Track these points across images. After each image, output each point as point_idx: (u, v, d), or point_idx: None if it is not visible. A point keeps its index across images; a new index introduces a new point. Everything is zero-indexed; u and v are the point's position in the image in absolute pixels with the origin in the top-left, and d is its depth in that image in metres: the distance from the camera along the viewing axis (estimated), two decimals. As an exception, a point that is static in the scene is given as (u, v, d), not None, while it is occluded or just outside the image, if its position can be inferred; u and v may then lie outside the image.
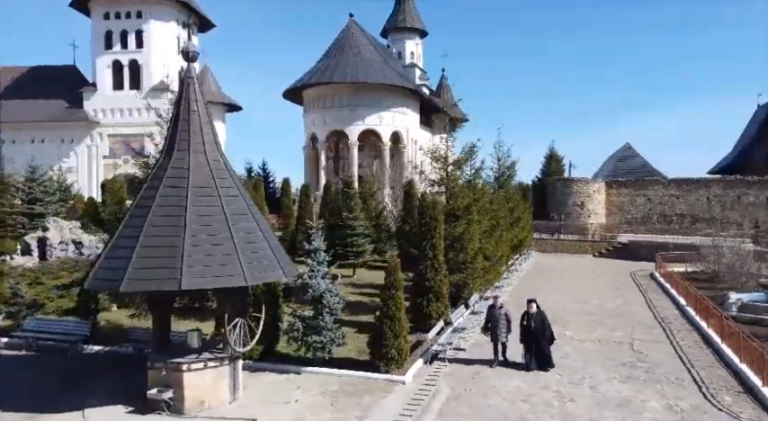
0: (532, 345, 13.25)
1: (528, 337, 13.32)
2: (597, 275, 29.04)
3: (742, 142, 60.91)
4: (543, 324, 13.40)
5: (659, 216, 43.16)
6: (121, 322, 16.69)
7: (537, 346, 13.22)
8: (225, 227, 10.47)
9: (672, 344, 15.60)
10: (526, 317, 13.45)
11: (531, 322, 13.29)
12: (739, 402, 11.14)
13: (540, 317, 13.43)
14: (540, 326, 13.29)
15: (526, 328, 13.33)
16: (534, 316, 13.37)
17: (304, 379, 12.49)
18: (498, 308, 13.93)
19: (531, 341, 13.28)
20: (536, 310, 13.49)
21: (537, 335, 13.20)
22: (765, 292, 19.69)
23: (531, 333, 13.25)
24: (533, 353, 13.22)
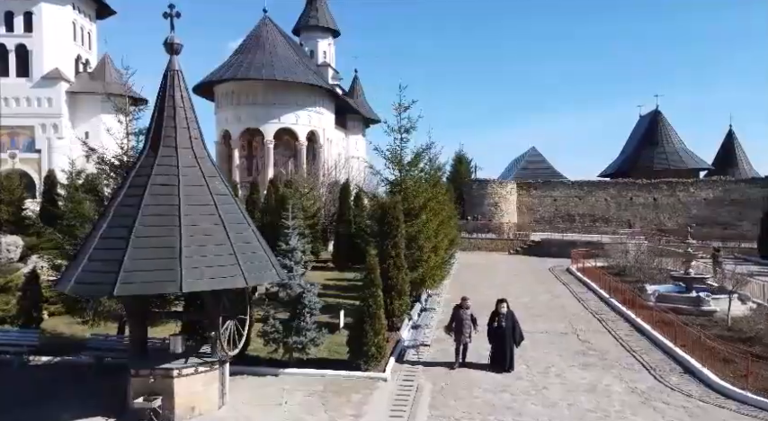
0: (502, 345, 13.22)
1: (498, 338, 13.32)
2: (520, 271, 30.90)
3: (627, 149, 67.23)
4: (514, 324, 13.48)
5: (564, 215, 46.62)
6: (62, 330, 15.47)
7: (504, 347, 13.20)
8: (220, 227, 10.16)
9: (610, 333, 17.13)
10: (497, 317, 13.44)
11: (501, 322, 13.32)
12: (685, 382, 12.59)
13: (510, 318, 13.52)
14: (511, 327, 13.36)
15: (497, 329, 13.34)
16: (505, 316, 13.43)
17: (284, 380, 12.37)
18: (465, 308, 13.87)
19: (501, 341, 13.27)
20: (506, 311, 13.54)
21: (507, 336, 13.21)
22: (676, 284, 22.12)
23: (502, 333, 13.27)
24: (504, 353, 13.21)
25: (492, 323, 13.54)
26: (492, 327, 13.51)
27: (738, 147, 63.92)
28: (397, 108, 18.69)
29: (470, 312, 13.89)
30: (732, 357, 13.60)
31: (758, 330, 16.17)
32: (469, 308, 14.01)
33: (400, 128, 18.71)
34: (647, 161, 58.94)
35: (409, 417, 10.57)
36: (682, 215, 45.60)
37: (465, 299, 14.23)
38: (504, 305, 13.65)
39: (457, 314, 13.84)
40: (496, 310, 13.62)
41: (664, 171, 55.40)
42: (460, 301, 14.18)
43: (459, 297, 22.39)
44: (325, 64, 66.70)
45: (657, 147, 59.90)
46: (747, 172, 59.06)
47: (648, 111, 65.15)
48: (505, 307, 13.63)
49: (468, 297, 14.41)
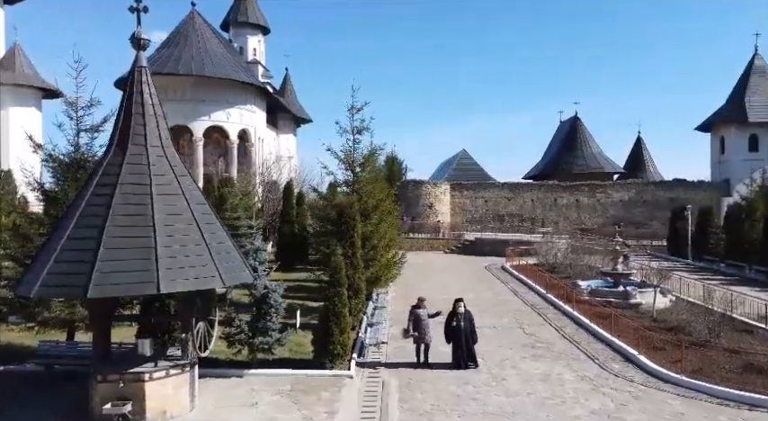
0: (461, 344, 13.35)
1: (456, 337, 13.41)
2: (459, 270, 31.97)
3: (549, 152, 70.76)
4: (471, 323, 13.62)
5: (494, 215, 48.54)
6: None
7: (466, 346, 13.38)
8: (194, 226, 10.04)
9: (552, 326, 18.23)
10: (455, 317, 13.53)
11: (460, 322, 13.43)
12: (627, 369, 13.70)
13: (468, 317, 13.66)
14: (469, 326, 13.51)
15: (455, 328, 13.43)
16: (463, 315, 13.56)
17: (250, 381, 12.33)
18: (422, 308, 13.85)
19: (459, 340, 13.38)
20: (464, 310, 13.68)
21: (465, 335, 13.36)
22: (605, 280, 23.79)
23: (459, 332, 13.37)
24: (463, 352, 13.36)
25: (450, 323, 13.59)
26: (450, 327, 13.58)
27: (646, 151, 69.00)
28: (350, 109, 18.95)
29: (427, 311, 13.88)
30: (663, 345, 15.00)
31: (681, 320, 17.76)
32: (426, 308, 13.99)
33: (353, 129, 18.98)
34: (567, 164, 62.31)
35: (381, 412, 10.88)
36: (601, 215, 48.73)
37: (421, 299, 14.22)
38: (461, 304, 13.76)
39: (415, 314, 13.77)
40: (454, 310, 13.69)
41: (582, 174, 58.80)
42: (417, 302, 14.12)
43: (405, 295, 23.15)
44: (255, 61, 65.43)
45: (577, 152, 63.45)
46: (653, 175, 63.89)
47: (568, 118, 68.88)
48: (462, 306, 13.73)
49: (424, 297, 14.41)
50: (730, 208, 38.94)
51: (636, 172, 63.57)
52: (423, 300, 14.26)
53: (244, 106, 55.74)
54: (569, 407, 11.20)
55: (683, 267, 32.43)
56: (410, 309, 14.14)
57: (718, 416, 10.84)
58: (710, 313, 16.91)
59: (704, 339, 15.49)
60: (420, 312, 13.71)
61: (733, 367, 13.44)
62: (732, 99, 52.59)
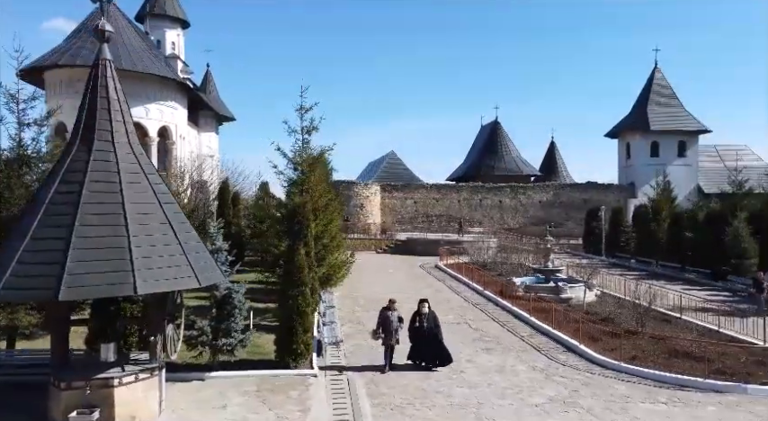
0: (425, 345, 13.32)
1: (420, 338, 13.37)
2: (396, 269, 32.55)
3: (472, 155, 73.30)
4: (435, 324, 13.63)
5: (423, 216, 49.72)
6: None
7: (430, 346, 13.32)
8: (167, 225, 9.77)
9: (495, 321, 19.12)
10: (418, 318, 13.47)
11: (423, 322, 13.39)
12: (571, 358, 14.71)
13: (432, 317, 13.64)
14: (433, 326, 13.50)
15: (418, 329, 13.39)
16: (427, 316, 13.54)
17: (213, 384, 12.11)
18: (392, 310, 13.66)
19: (422, 341, 13.35)
20: (428, 311, 13.65)
21: (429, 336, 13.34)
22: (536, 276, 25.17)
23: (423, 333, 13.34)
24: (427, 354, 13.35)
25: (414, 323, 13.56)
26: (414, 327, 13.56)
27: (558, 155, 73.24)
28: (300, 109, 18.91)
29: (397, 313, 13.67)
30: (599, 335, 16.22)
31: (610, 312, 19.24)
32: (396, 310, 13.75)
33: (303, 129, 18.95)
34: (488, 167, 64.85)
35: (353, 407, 11.07)
36: (522, 215, 51.21)
37: (392, 301, 13.99)
38: (425, 305, 13.74)
39: (385, 316, 13.56)
40: (418, 310, 13.67)
41: (503, 176, 61.46)
42: (387, 304, 13.90)
43: (349, 294, 23.40)
44: (173, 56, 62.72)
45: (497, 155, 66.20)
46: (565, 177, 68.00)
47: (489, 122, 71.68)
48: (426, 307, 13.71)
49: (395, 299, 14.23)
50: (637, 208, 42.21)
51: (550, 175, 67.32)
52: (393, 301, 14.00)
53: (164, 102, 53.36)
54: (528, 395, 11.91)
55: (598, 264, 34.82)
56: (380, 311, 13.87)
57: (657, 396, 11.94)
58: (636, 305, 18.42)
59: (632, 329, 16.90)
60: (390, 314, 13.49)
61: (660, 353, 14.80)
62: (636, 109, 56.97)
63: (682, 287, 25.01)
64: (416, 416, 10.70)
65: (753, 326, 16.68)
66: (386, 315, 13.52)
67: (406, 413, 10.86)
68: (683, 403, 11.60)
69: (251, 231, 26.92)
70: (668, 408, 11.32)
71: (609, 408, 11.22)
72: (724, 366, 13.59)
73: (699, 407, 11.37)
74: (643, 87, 57.59)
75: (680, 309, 19.64)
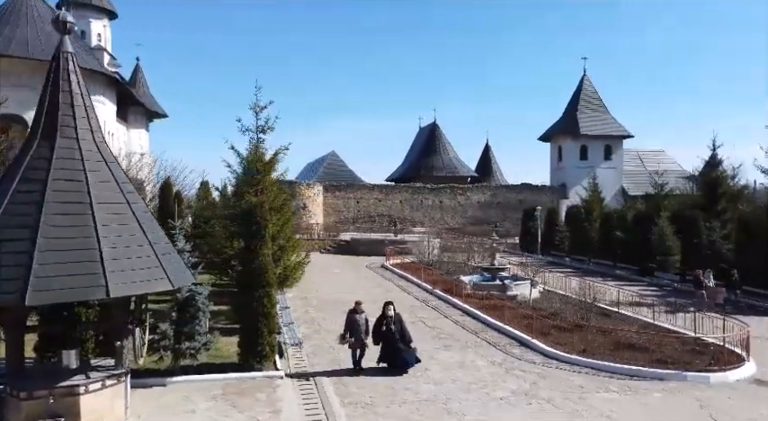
0: (392, 348, 13.12)
1: (387, 340, 13.14)
2: (342, 269, 32.56)
3: (410, 156, 74.33)
4: (401, 326, 13.44)
5: (365, 216, 49.98)
6: None
7: (395, 349, 13.12)
8: (137, 225, 9.45)
9: (449, 319, 19.59)
10: (384, 320, 13.23)
11: (390, 325, 13.17)
12: (526, 353, 15.33)
13: (398, 320, 13.43)
14: (399, 329, 13.30)
15: (386, 332, 13.14)
16: (392, 319, 13.30)
17: (177, 389, 11.75)
18: (359, 313, 13.38)
19: (390, 344, 13.11)
20: (393, 313, 13.41)
21: (396, 338, 13.13)
22: (483, 274, 25.95)
23: (391, 336, 13.12)
24: (396, 356, 13.13)
25: (380, 326, 13.31)
26: (380, 331, 13.29)
27: (493, 157, 75.62)
28: (254, 108, 18.63)
29: (365, 316, 13.46)
30: (549, 330, 16.99)
31: (556, 308, 20.17)
32: (364, 312, 13.48)
33: (258, 128, 18.68)
34: (427, 168, 66.04)
35: (325, 407, 11.09)
36: (461, 215, 52.52)
37: (359, 303, 13.69)
38: (391, 307, 13.47)
39: (353, 319, 13.29)
40: (384, 313, 13.40)
41: (441, 177, 62.74)
42: (354, 306, 13.57)
43: (300, 295, 23.24)
44: (99, 47, 59.72)
45: (436, 156, 67.50)
46: (499, 178, 70.32)
47: (428, 124, 72.97)
48: (392, 309, 13.45)
49: (361, 301, 13.97)
50: (570, 209, 44.38)
51: (485, 176, 69.38)
52: (360, 303, 13.69)
53: (92, 96, 50.82)
54: (492, 389, 12.35)
55: (535, 262, 36.29)
56: (347, 314, 13.57)
57: (609, 386, 12.70)
58: (581, 301, 19.41)
59: (578, 323, 17.82)
60: (357, 317, 13.26)
61: (606, 345, 15.70)
62: (567, 114, 59.76)
63: (614, 283, 26.49)
64: (388, 414, 10.87)
65: (682, 318, 18.07)
66: (353, 318, 13.25)
67: (378, 411, 11.00)
68: (632, 391, 12.39)
69: (194, 232, 26.16)
70: (620, 396, 12.07)
71: (568, 398, 11.82)
72: (664, 355, 14.60)
73: (647, 395, 12.19)
74: (573, 94, 60.47)
75: (617, 304, 20.89)
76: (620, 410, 11.24)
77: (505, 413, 11.02)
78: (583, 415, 10.97)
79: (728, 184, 33.68)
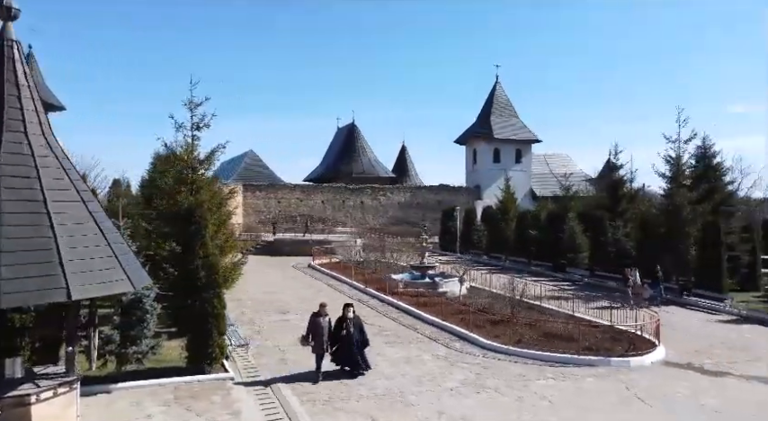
0: (350, 350, 12.95)
1: (345, 342, 12.94)
2: (271, 269, 32.14)
3: (329, 156, 74.30)
4: (361, 329, 13.37)
5: (287, 216, 49.42)
6: None
7: (353, 353, 12.96)
8: (93, 224, 9.02)
9: (387, 316, 20.04)
10: (345, 323, 13.05)
11: (349, 327, 13.00)
12: (466, 346, 16.08)
13: (357, 322, 13.36)
14: (358, 331, 13.19)
15: (345, 336, 12.92)
16: (352, 321, 13.17)
17: (124, 395, 11.31)
18: (323, 315, 13.02)
19: (349, 347, 12.93)
20: (353, 315, 13.31)
21: (356, 341, 12.97)
22: (412, 273, 26.68)
23: (350, 338, 12.93)
24: (355, 359, 12.98)
25: (339, 329, 13.07)
26: (339, 333, 13.05)
27: (409, 158, 77.37)
28: (189, 104, 18.11)
29: (328, 318, 13.09)
30: (483, 324, 17.91)
31: (486, 303, 21.21)
32: (327, 315, 13.11)
33: (193, 125, 18.17)
34: (346, 169, 66.37)
35: (284, 407, 11.12)
36: (382, 215, 53.32)
37: (323, 305, 13.28)
38: (350, 309, 13.32)
39: (316, 323, 12.91)
40: (344, 315, 13.19)
41: (360, 178, 63.32)
42: (318, 309, 13.19)
43: (231, 296, 22.73)
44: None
45: (354, 157, 67.99)
46: (415, 180, 72.07)
47: (346, 124, 73.27)
48: (352, 312, 13.33)
49: (325, 303, 13.55)
50: (486, 209, 46.47)
51: (402, 177, 70.82)
52: (324, 305, 13.30)
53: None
54: (441, 381, 12.91)
55: (455, 260, 37.74)
56: (310, 317, 13.20)
57: (546, 373, 13.68)
58: (510, 296, 20.56)
59: (508, 317, 18.90)
60: (320, 320, 12.90)
61: (537, 336, 16.81)
62: (481, 118, 62.39)
63: (530, 279, 28.16)
64: (349, 409, 11.10)
65: (596, 310, 19.74)
66: (316, 321, 12.89)
67: (338, 407, 11.21)
68: (567, 377, 13.43)
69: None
70: (557, 383, 13.05)
71: (511, 386, 12.62)
72: (589, 344, 15.90)
73: (580, 380, 13.27)
74: (486, 99, 63.20)
75: (540, 298, 22.31)
76: (559, 395, 12.17)
77: (459, 402, 11.60)
78: (528, 400, 11.78)
79: (627, 187, 36.88)
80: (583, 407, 11.43)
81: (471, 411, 11.11)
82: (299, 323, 18.65)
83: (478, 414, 10.99)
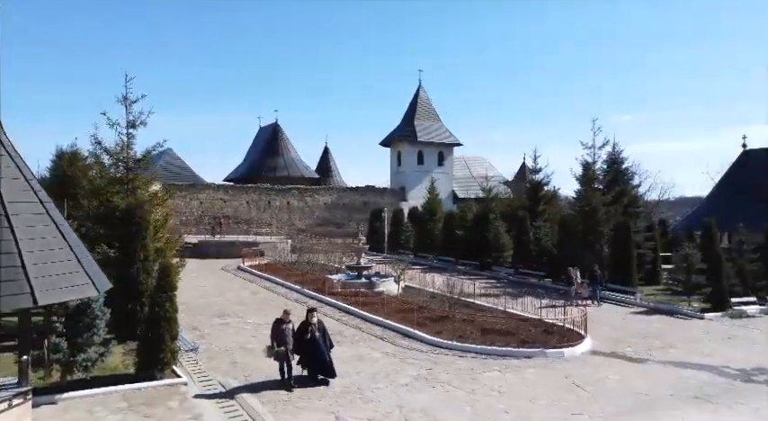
0: (316, 356, 12.68)
1: (311, 348, 12.65)
2: (200, 272, 31.07)
3: (251, 156, 72.76)
4: (325, 333, 13.12)
5: (210, 217, 47.91)
6: None
7: (320, 358, 12.71)
8: (54, 228, 8.63)
9: (329, 316, 20.06)
10: (309, 327, 12.73)
11: (314, 332, 12.71)
12: (411, 342, 16.59)
13: (322, 328, 13.11)
14: (322, 337, 12.95)
15: (310, 341, 12.63)
16: (317, 326, 12.92)
17: (72, 405, 10.77)
18: (287, 322, 12.59)
19: (313, 351, 12.66)
20: (317, 320, 13.11)
21: (321, 347, 12.75)
22: (348, 273, 26.93)
23: (315, 344, 12.68)
24: (321, 365, 12.75)
25: (304, 334, 12.73)
26: (304, 338, 12.68)
27: (332, 159, 77.46)
28: (124, 101, 17.38)
29: (291, 326, 12.68)
30: (424, 321, 18.53)
31: (423, 301, 21.89)
32: (291, 322, 12.71)
33: (128, 122, 17.44)
34: (270, 169, 65.35)
35: (245, 408, 11.07)
36: (309, 216, 53.05)
37: (287, 312, 12.93)
38: (315, 314, 13.08)
39: (280, 330, 12.45)
40: (307, 320, 12.85)
41: (284, 178, 62.56)
42: (282, 315, 12.81)
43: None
44: None
45: (278, 157, 67.08)
46: (338, 180, 72.28)
47: (269, 123, 72.07)
48: (316, 316, 13.09)
49: (290, 310, 13.31)
50: (413, 210, 47.60)
51: (325, 178, 70.77)
52: (288, 312, 12.91)
53: None
54: (395, 377, 13.32)
55: (384, 260, 38.35)
56: (273, 324, 12.76)
57: (492, 366, 14.43)
58: (443, 294, 21.38)
59: (448, 313, 19.67)
60: (285, 327, 12.43)
61: (476, 331, 17.64)
62: (405, 121, 63.62)
63: (458, 277, 29.26)
64: (311, 408, 11.23)
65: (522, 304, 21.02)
66: (280, 328, 12.43)
67: (300, 406, 11.31)
68: (511, 369, 14.26)
69: None
70: (502, 374, 13.84)
71: (462, 379, 13.25)
72: (525, 337, 16.92)
73: (523, 371, 14.14)
74: (410, 102, 64.55)
75: (473, 296, 23.32)
76: (507, 385, 12.95)
77: (415, 396, 12.05)
78: (480, 392, 12.44)
79: (545, 189, 39.18)
80: (531, 396, 12.23)
81: (429, 404, 11.60)
82: (243, 326, 18.57)
83: (437, 406, 11.49)
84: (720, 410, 11.81)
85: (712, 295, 23.54)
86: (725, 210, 33.49)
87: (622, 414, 11.39)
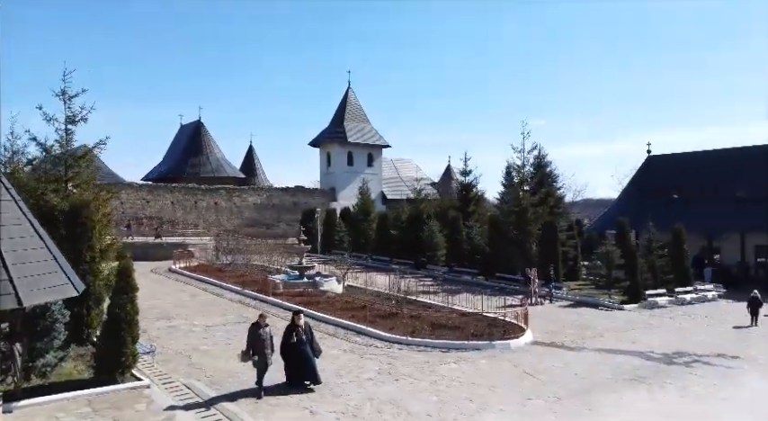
0: (303, 360, 12.33)
1: (297, 352, 12.31)
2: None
3: (172, 154, 70.07)
4: (311, 337, 12.80)
5: (132, 218, 45.70)
6: None
7: (308, 363, 12.35)
8: (29, 227, 8.23)
9: (276, 316, 19.95)
10: (295, 330, 12.43)
11: (301, 336, 12.41)
12: (367, 339, 16.94)
13: (308, 330, 12.82)
14: (310, 339, 12.65)
15: (297, 343, 12.31)
16: (303, 329, 12.62)
17: (30, 413, 10.27)
18: (263, 326, 12.15)
19: (300, 356, 12.32)
20: (304, 322, 12.88)
21: (308, 351, 12.40)
22: (289, 273, 26.85)
23: (302, 347, 12.35)
24: (308, 371, 12.36)
25: (290, 338, 12.38)
26: (290, 343, 12.36)
27: (257, 159, 76.22)
28: (63, 95, 16.55)
29: (269, 330, 12.29)
30: (374, 318, 18.98)
31: (367, 300, 22.32)
32: (268, 326, 12.33)
33: (66, 118, 16.62)
34: (193, 168, 63.25)
35: (218, 408, 11.02)
36: (237, 217, 51.89)
37: (263, 316, 12.52)
38: (301, 317, 12.86)
39: (257, 335, 11.98)
40: (294, 324, 12.57)
41: (208, 177, 60.78)
42: (257, 319, 12.34)
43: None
44: None
45: (202, 156, 65.05)
46: (263, 180, 71.23)
47: (191, 122, 69.71)
48: (302, 319, 12.87)
49: (266, 314, 13.11)
50: (345, 210, 47.92)
51: (250, 177, 69.51)
52: (264, 316, 12.52)
53: None
54: (359, 372, 13.66)
55: (318, 260, 38.39)
56: (249, 328, 12.31)
57: (447, 359, 15.12)
58: (393, 293, 21.92)
59: (396, 310, 20.22)
60: (261, 332, 11.98)
61: (426, 326, 18.30)
62: (335, 122, 63.76)
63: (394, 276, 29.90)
64: (283, 404, 11.37)
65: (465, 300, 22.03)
66: (257, 333, 11.94)
67: (272, 403, 11.41)
68: (464, 360, 15.01)
69: None
70: (459, 366, 14.55)
71: (422, 372, 13.82)
72: (474, 331, 17.76)
73: (475, 362, 14.93)
74: (339, 104, 64.74)
75: (415, 293, 24.04)
76: (464, 376, 13.65)
77: (382, 388, 12.48)
78: (441, 382, 13.05)
79: (474, 191, 40.86)
80: (489, 385, 12.99)
81: (397, 395, 12.05)
82: (191, 328, 18.25)
83: (404, 397, 11.96)
84: (653, 390, 13.12)
85: (630, 289, 25.70)
86: (634, 211, 36.36)
87: (572, 396, 12.39)
